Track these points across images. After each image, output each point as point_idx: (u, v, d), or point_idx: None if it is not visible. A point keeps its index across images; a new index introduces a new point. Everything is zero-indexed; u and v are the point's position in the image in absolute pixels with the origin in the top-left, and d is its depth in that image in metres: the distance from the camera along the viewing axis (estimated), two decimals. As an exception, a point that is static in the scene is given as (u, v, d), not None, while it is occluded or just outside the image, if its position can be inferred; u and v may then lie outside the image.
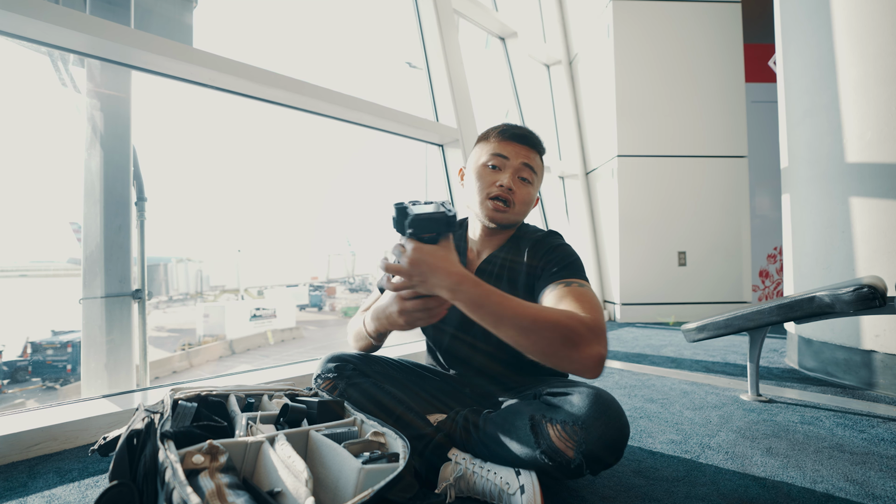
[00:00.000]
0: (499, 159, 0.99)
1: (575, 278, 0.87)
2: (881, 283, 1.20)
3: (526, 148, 1.00)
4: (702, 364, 2.10)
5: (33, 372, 10.89)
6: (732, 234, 3.51)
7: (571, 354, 0.71)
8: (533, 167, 0.99)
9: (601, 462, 0.75)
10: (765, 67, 4.42)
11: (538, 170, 1.01)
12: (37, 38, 1.33)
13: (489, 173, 0.99)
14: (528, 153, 0.99)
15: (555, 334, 0.71)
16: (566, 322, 0.72)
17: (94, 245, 1.62)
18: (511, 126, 1.02)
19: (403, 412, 0.94)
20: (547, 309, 0.76)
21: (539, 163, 1.02)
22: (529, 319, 0.72)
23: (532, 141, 1.01)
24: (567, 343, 0.71)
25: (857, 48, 1.71)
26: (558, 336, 0.71)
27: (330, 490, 0.68)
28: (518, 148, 0.99)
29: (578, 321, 0.73)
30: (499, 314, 0.72)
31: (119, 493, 0.61)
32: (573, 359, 0.71)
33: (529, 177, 0.99)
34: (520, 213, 1.00)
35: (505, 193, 0.96)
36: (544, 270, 0.93)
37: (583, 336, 0.71)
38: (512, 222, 1.01)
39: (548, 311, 0.75)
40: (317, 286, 28.69)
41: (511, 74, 3.64)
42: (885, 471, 0.99)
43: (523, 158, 0.99)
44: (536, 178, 1.01)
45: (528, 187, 0.99)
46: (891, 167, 1.62)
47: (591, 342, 0.71)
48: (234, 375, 1.71)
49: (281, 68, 12.18)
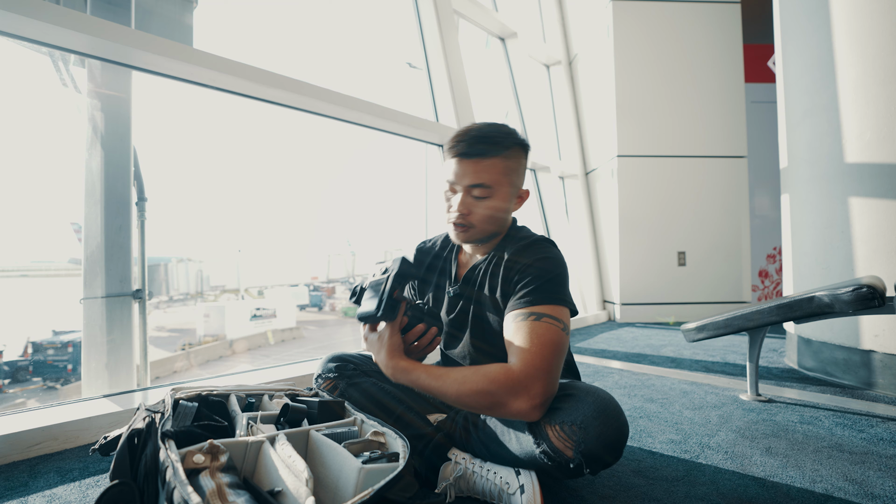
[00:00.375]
0: (449, 183, 0.95)
1: (540, 305, 0.82)
2: (880, 283, 1.21)
3: (474, 162, 0.91)
4: (701, 364, 2.10)
5: (34, 372, 10.90)
6: (732, 234, 3.51)
7: (501, 413, 0.78)
8: (485, 182, 0.91)
9: (600, 461, 0.75)
10: (764, 67, 4.42)
11: (497, 178, 0.92)
12: (37, 38, 1.33)
13: (447, 197, 0.97)
14: (476, 168, 0.91)
15: (480, 401, 0.78)
16: (487, 388, 0.77)
17: (94, 245, 1.62)
18: (461, 139, 0.92)
19: (403, 412, 0.95)
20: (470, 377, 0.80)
21: (500, 167, 0.92)
22: (454, 395, 0.80)
23: (481, 150, 0.91)
24: (495, 406, 0.78)
25: (857, 48, 1.71)
26: (484, 402, 0.78)
27: (330, 490, 0.69)
28: (465, 167, 0.92)
29: (503, 380, 0.77)
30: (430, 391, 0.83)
31: (120, 492, 0.62)
32: (505, 413, 0.78)
33: (484, 192, 0.92)
34: (485, 229, 0.95)
35: (460, 219, 0.93)
36: (515, 289, 0.88)
37: (505, 394, 0.76)
38: (480, 238, 0.97)
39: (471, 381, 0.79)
40: (316, 286, 28.67)
41: (511, 74, 3.65)
42: (884, 470, 1.00)
43: (470, 179, 0.91)
44: (497, 187, 0.92)
45: (485, 202, 0.92)
46: (890, 167, 1.62)
47: (513, 398, 0.76)
48: (234, 375, 1.72)
49: (281, 68, 12.19)
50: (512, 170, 0.94)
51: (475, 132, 0.93)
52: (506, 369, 0.78)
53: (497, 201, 0.93)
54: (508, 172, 0.93)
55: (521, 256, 0.92)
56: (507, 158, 0.93)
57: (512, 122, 3.74)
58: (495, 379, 0.77)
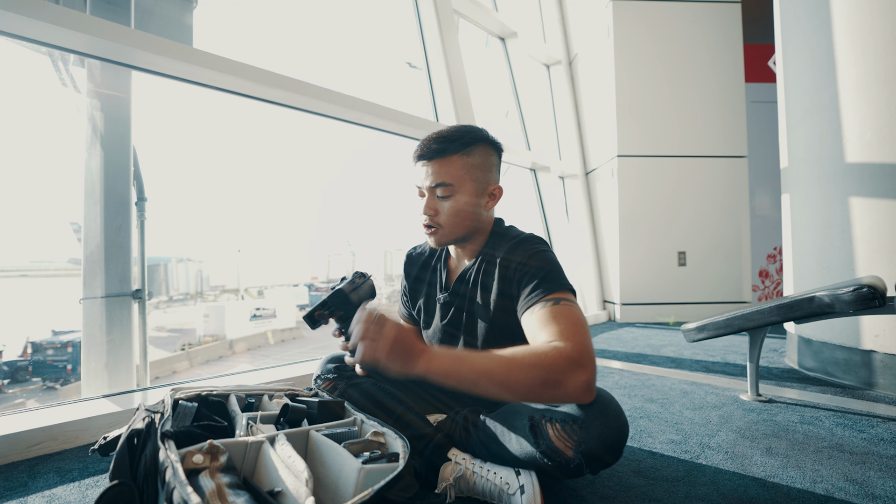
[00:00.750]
0: (418, 187, 0.97)
1: (553, 293, 0.82)
2: (881, 283, 1.21)
3: (433, 164, 0.93)
4: (702, 364, 2.10)
5: (34, 372, 10.90)
6: (732, 234, 3.51)
7: (555, 393, 0.71)
8: (446, 180, 0.92)
9: (600, 461, 0.75)
10: (765, 67, 4.42)
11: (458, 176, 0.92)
12: (37, 38, 1.33)
13: (419, 202, 0.98)
14: (436, 168, 0.92)
15: (533, 380, 0.69)
16: (542, 363, 0.70)
17: (94, 245, 1.62)
18: (423, 142, 0.95)
19: (403, 412, 0.94)
20: (519, 354, 0.72)
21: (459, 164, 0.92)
22: (503, 372, 0.70)
23: (439, 150, 0.92)
24: (548, 384, 0.69)
25: (857, 48, 1.71)
26: (537, 381, 0.69)
27: (330, 490, 0.69)
28: (426, 169, 0.94)
29: (555, 357, 0.70)
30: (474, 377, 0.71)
31: (120, 492, 0.62)
32: (558, 396, 0.71)
33: (446, 191, 0.93)
34: (454, 230, 0.96)
35: (427, 220, 0.95)
36: (521, 287, 0.88)
37: (562, 371, 0.69)
38: (452, 239, 0.98)
39: (521, 357, 0.71)
40: (316, 286, 28.70)
41: (511, 74, 3.64)
42: (885, 470, 1.00)
43: (431, 179, 0.93)
44: (459, 184, 0.93)
45: (449, 201, 0.93)
46: (891, 167, 1.62)
47: (571, 374, 0.70)
48: (234, 375, 1.71)
49: (281, 68, 12.19)
50: (475, 166, 0.94)
51: (435, 135, 0.95)
52: (555, 346, 0.71)
53: (462, 197, 0.93)
54: (471, 169, 0.93)
55: (515, 255, 0.92)
56: (469, 155, 0.93)
57: (512, 122, 3.74)
58: (548, 355, 0.70)
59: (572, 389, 0.70)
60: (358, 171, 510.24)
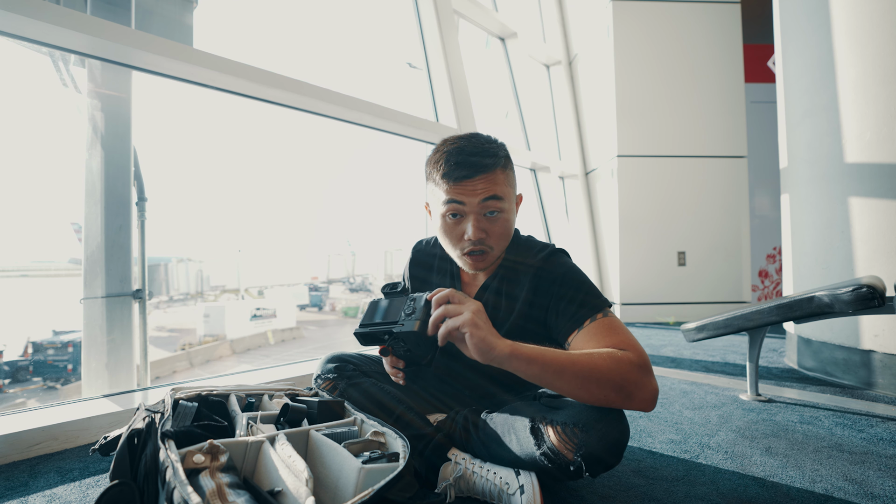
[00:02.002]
0: (456, 206, 0.86)
1: (598, 309, 0.82)
2: (880, 283, 1.21)
3: (481, 180, 0.84)
4: (701, 364, 2.11)
5: (34, 371, 10.91)
6: (732, 234, 3.51)
7: (627, 399, 0.72)
8: (498, 193, 0.85)
9: (601, 463, 0.75)
10: (764, 67, 4.42)
11: (505, 189, 0.87)
12: (38, 38, 1.33)
13: (452, 226, 0.88)
14: (486, 184, 0.85)
15: (615, 379, 0.71)
16: (619, 370, 0.71)
17: (94, 245, 1.62)
18: (455, 161, 0.85)
19: (403, 412, 0.95)
20: (597, 353, 0.73)
21: (503, 178, 0.87)
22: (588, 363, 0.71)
23: (485, 165, 0.85)
24: (622, 391, 0.71)
25: (857, 48, 1.71)
26: (614, 386, 0.71)
27: (330, 490, 0.69)
28: (473, 186, 0.84)
29: (628, 362, 0.72)
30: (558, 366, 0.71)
31: (120, 492, 0.62)
32: (628, 402, 0.73)
33: (497, 206, 0.86)
34: (501, 248, 0.92)
35: (477, 245, 0.87)
36: (562, 305, 0.86)
37: (635, 381, 0.71)
38: (495, 260, 0.93)
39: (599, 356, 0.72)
40: (315, 286, 28.70)
41: (511, 74, 3.65)
42: (884, 470, 1.00)
43: (482, 194, 0.84)
44: (507, 199, 0.88)
45: (500, 217, 0.88)
46: (890, 167, 1.62)
47: (644, 384, 0.72)
48: (234, 375, 1.72)
49: (281, 68, 12.18)
50: (511, 178, 0.91)
51: (469, 149, 0.86)
52: (624, 353, 0.73)
53: (508, 215, 0.89)
54: (510, 182, 0.90)
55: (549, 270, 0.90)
56: (506, 169, 0.89)
57: (512, 122, 3.74)
58: (622, 360, 0.71)
59: (640, 397, 0.72)
60: (358, 171, 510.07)
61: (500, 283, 0.97)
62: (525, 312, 0.92)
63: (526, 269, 0.93)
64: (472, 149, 0.86)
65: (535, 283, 0.90)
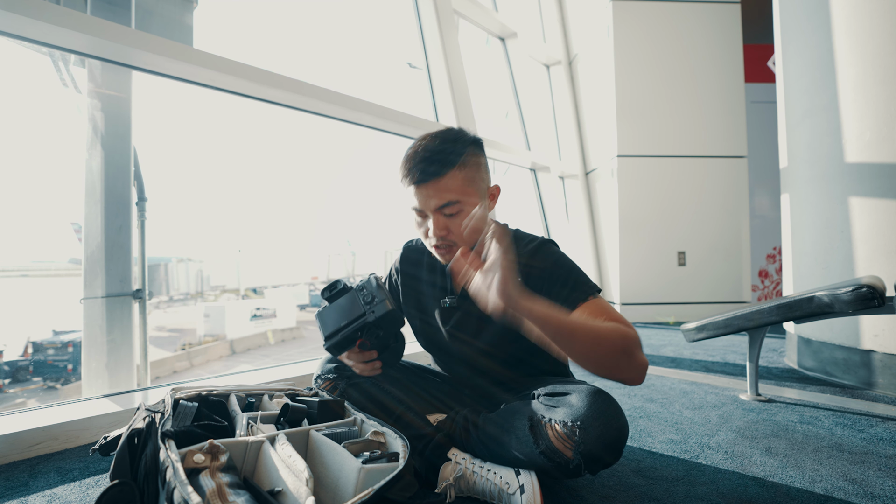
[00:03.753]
0: (416, 210, 0.92)
1: (589, 292, 0.86)
2: (880, 283, 1.21)
3: (433, 185, 0.87)
4: (701, 364, 2.11)
5: (34, 371, 10.91)
6: (732, 234, 3.51)
7: (629, 363, 0.75)
8: (451, 199, 0.88)
9: (600, 462, 0.75)
10: (764, 67, 4.42)
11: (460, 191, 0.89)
12: (38, 38, 1.33)
13: (420, 223, 0.93)
14: (436, 190, 0.87)
15: (619, 343, 0.74)
16: (621, 331, 0.75)
17: (94, 245, 1.62)
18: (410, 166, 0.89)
19: (403, 412, 0.95)
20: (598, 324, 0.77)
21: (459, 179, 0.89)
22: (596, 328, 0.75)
23: (433, 172, 0.87)
24: (625, 354, 0.75)
25: (857, 48, 1.71)
26: (620, 346, 0.74)
27: (330, 489, 0.69)
28: (426, 191, 0.88)
29: (627, 333, 0.76)
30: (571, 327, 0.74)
31: (120, 492, 0.62)
32: (630, 367, 0.76)
33: (454, 209, 0.89)
34: (469, 240, 0.93)
35: (441, 241, 0.91)
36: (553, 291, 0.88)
37: (633, 348, 0.75)
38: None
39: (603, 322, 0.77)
40: (315, 287, 28.70)
41: (511, 74, 3.65)
42: (884, 470, 1.00)
43: (436, 200, 0.88)
44: (464, 199, 0.89)
45: (458, 217, 0.90)
46: (890, 167, 1.62)
47: (638, 353, 0.76)
48: (234, 375, 1.72)
49: (281, 68, 12.17)
50: (473, 175, 0.92)
51: (422, 153, 0.89)
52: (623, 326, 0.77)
53: (470, 209, 0.91)
54: (471, 180, 0.91)
55: (537, 260, 0.92)
56: (464, 167, 0.90)
57: (512, 122, 3.74)
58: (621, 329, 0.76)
59: (636, 364, 0.75)
60: (358, 171, 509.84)
61: None
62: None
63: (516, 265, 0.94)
64: (425, 152, 0.89)
65: (526, 278, 0.91)
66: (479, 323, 0.99)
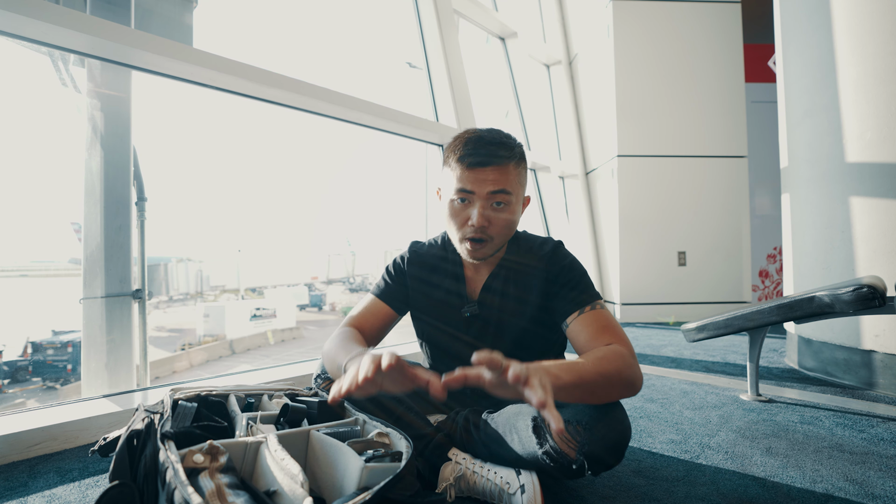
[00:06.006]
0: (464, 193, 0.89)
1: (593, 299, 0.90)
2: (881, 283, 1.20)
3: (494, 170, 0.88)
4: (702, 364, 2.10)
5: (34, 372, 10.90)
6: (732, 234, 3.51)
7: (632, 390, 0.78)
8: (507, 188, 0.88)
9: (603, 463, 0.75)
10: (765, 67, 4.42)
11: (515, 185, 0.90)
12: (37, 38, 1.33)
13: (458, 210, 0.91)
14: (496, 176, 0.88)
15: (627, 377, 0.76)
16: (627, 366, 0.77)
17: (94, 245, 1.62)
18: (472, 147, 0.89)
19: (404, 412, 0.94)
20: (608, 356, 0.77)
21: (515, 174, 0.90)
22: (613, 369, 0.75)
23: (500, 156, 0.88)
24: (630, 385, 0.77)
25: (857, 48, 1.71)
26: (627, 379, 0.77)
27: (332, 488, 0.69)
28: (484, 175, 0.87)
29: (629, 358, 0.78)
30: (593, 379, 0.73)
31: (120, 492, 0.62)
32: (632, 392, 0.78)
33: (504, 199, 0.89)
34: (500, 242, 0.94)
35: (478, 233, 0.89)
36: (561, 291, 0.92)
37: (635, 373, 0.78)
38: (493, 252, 0.95)
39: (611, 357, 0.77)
40: (315, 287, 28.72)
41: (511, 74, 3.64)
42: (885, 470, 1.00)
43: (491, 185, 0.87)
44: (515, 194, 0.91)
45: (505, 211, 0.90)
46: (891, 167, 1.62)
47: (638, 374, 0.79)
48: (234, 375, 1.71)
49: (281, 68, 12.21)
50: (522, 176, 0.94)
51: (488, 138, 0.90)
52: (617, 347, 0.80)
53: (514, 209, 0.92)
54: (521, 180, 0.93)
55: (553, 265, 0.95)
56: (519, 165, 0.92)
57: (512, 122, 3.74)
58: (620, 353, 0.78)
59: (638, 386, 0.79)
60: (358, 171, 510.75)
61: (503, 284, 0.98)
62: (539, 318, 0.96)
63: (533, 271, 0.95)
64: (491, 139, 0.90)
65: (544, 285, 0.95)
66: (497, 331, 0.99)
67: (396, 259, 1.10)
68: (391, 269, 1.09)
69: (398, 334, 1.24)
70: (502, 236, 0.93)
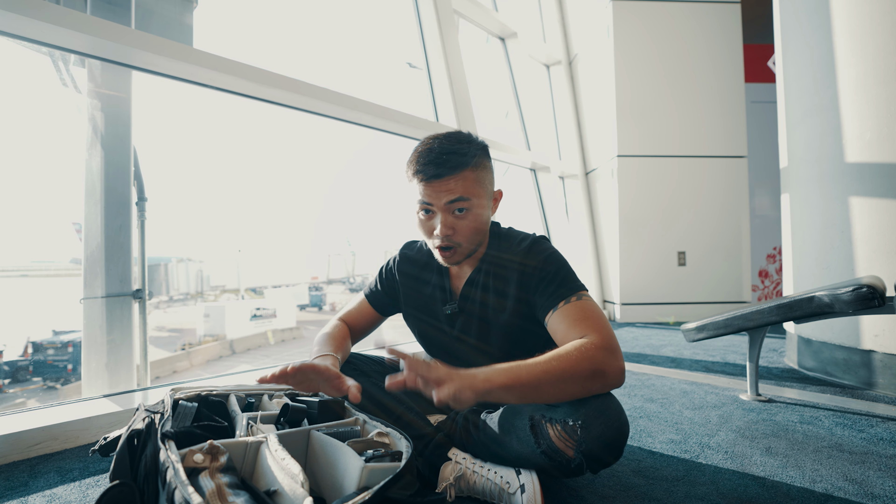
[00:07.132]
0: (425, 205, 0.92)
1: (573, 291, 0.87)
2: (880, 283, 1.21)
3: (448, 181, 0.89)
4: (701, 364, 2.10)
5: (34, 371, 10.91)
6: (732, 234, 3.51)
7: (602, 382, 0.75)
8: (464, 195, 0.90)
9: (601, 461, 0.75)
10: (764, 67, 4.42)
11: (473, 189, 0.91)
12: (37, 38, 1.33)
13: (424, 221, 0.94)
14: (452, 185, 0.89)
15: (585, 371, 0.74)
16: (586, 355, 0.74)
17: (94, 245, 1.62)
18: (425, 161, 0.90)
19: (404, 412, 0.95)
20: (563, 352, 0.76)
21: (472, 178, 0.91)
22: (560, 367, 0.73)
23: (453, 165, 0.89)
24: (595, 375, 0.74)
25: (857, 48, 1.71)
26: (587, 372, 0.74)
27: (332, 488, 0.69)
28: (439, 186, 0.89)
29: (594, 348, 0.75)
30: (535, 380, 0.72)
31: (120, 492, 0.62)
32: (604, 384, 0.76)
33: (465, 205, 0.90)
34: (471, 245, 0.95)
35: (444, 241, 0.92)
36: (540, 289, 0.90)
37: (602, 360, 0.75)
38: (467, 255, 0.97)
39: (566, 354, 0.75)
40: (315, 286, 28.70)
41: (511, 74, 3.64)
42: (884, 470, 1.00)
43: (447, 196, 0.89)
44: (476, 197, 0.91)
45: (467, 217, 0.91)
46: (890, 167, 1.62)
47: (610, 362, 0.75)
48: (234, 375, 1.72)
49: (281, 68, 12.19)
50: (482, 177, 0.94)
51: (439, 149, 0.91)
52: (589, 341, 0.77)
53: (478, 212, 0.93)
54: (480, 182, 0.93)
55: (531, 259, 0.94)
56: (476, 168, 0.92)
57: (512, 122, 3.74)
58: (587, 347, 0.75)
59: (612, 377, 0.75)
60: (358, 171, 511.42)
61: (486, 278, 0.99)
62: (520, 311, 0.94)
63: (511, 264, 0.96)
64: (441, 149, 0.91)
65: (520, 277, 0.94)
66: (481, 325, 0.99)
67: (389, 262, 1.15)
68: (382, 272, 1.14)
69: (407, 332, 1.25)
70: (471, 240, 0.94)
